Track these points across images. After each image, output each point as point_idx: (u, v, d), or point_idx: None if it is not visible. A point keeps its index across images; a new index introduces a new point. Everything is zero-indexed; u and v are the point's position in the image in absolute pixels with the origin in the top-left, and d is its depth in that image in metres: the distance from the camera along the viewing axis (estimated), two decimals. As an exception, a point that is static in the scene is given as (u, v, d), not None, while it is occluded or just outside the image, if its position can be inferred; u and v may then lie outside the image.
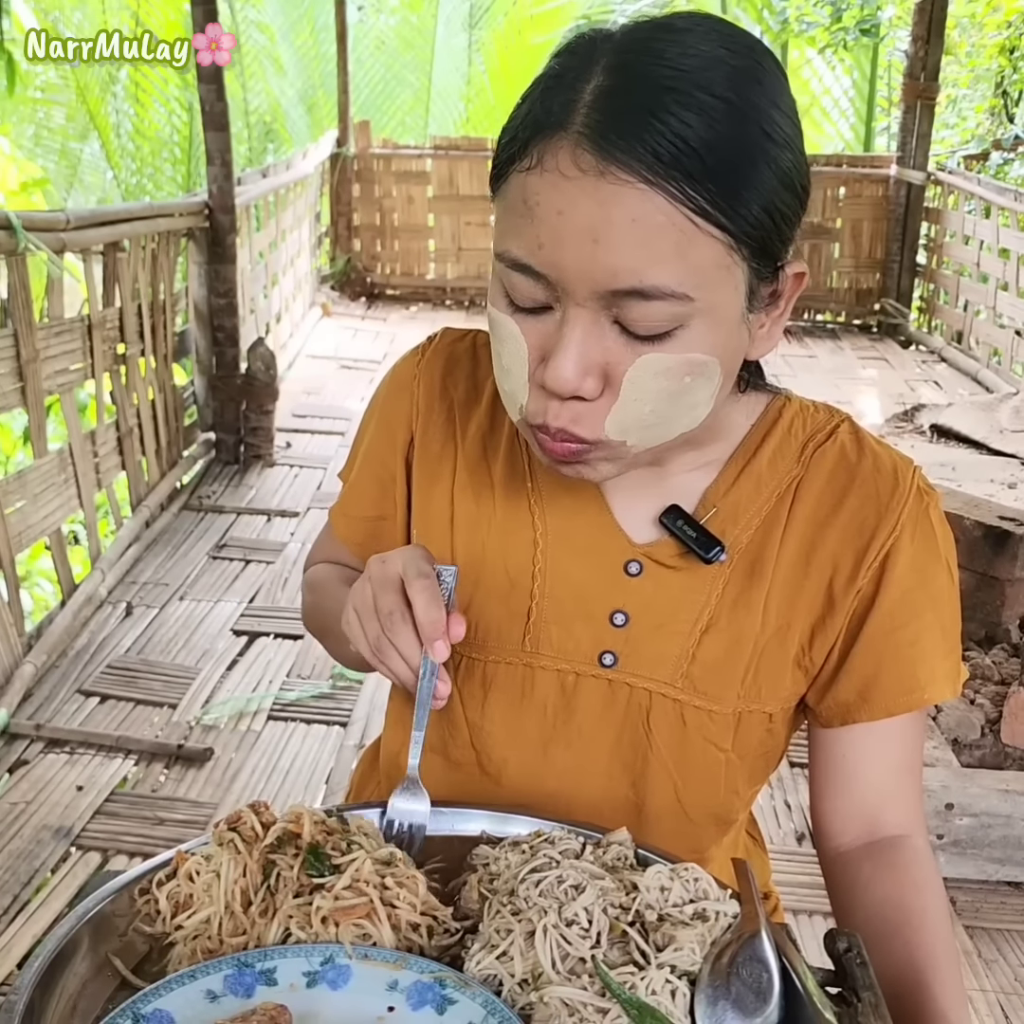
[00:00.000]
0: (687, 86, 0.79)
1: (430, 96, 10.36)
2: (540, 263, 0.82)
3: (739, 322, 0.87)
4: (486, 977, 0.79)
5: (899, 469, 1.03)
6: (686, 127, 0.78)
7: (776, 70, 0.84)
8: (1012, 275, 6.64)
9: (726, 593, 1.02)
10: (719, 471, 1.03)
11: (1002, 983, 2.25)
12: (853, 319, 8.34)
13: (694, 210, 0.79)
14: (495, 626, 1.06)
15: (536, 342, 0.86)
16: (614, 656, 1.04)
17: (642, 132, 0.78)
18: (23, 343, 3.19)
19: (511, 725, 1.07)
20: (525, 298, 0.85)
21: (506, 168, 0.85)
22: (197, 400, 4.95)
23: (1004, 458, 3.80)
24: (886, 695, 1.01)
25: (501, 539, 1.06)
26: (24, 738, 2.90)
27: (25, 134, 8.63)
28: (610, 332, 0.84)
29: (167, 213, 4.43)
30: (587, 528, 1.04)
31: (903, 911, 0.95)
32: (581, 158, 0.79)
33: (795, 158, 0.84)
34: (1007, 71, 9.15)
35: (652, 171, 0.78)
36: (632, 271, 0.80)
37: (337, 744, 2.98)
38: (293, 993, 0.78)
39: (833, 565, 1.01)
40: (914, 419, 5.62)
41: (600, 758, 1.06)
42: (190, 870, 0.86)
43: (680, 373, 0.85)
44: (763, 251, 0.84)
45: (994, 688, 2.80)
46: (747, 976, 0.78)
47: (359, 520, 1.16)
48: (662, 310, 0.81)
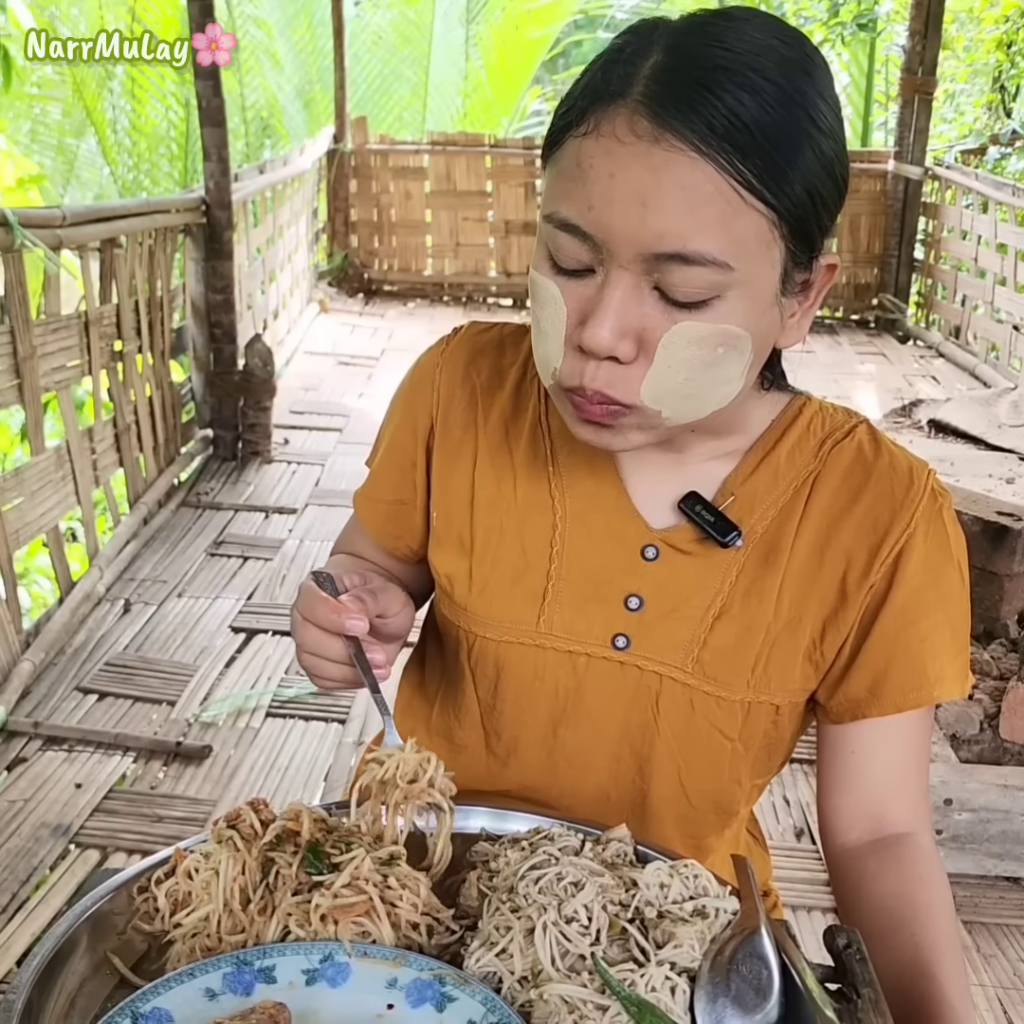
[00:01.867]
0: (741, 67, 0.82)
1: (427, 91, 10.34)
2: (589, 223, 0.85)
3: (772, 303, 0.89)
4: (486, 974, 0.79)
5: (915, 470, 1.04)
6: (739, 104, 0.81)
7: (824, 66, 0.88)
8: (1010, 270, 6.63)
9: (740, 580, 1.03)
10: (739, 461, 1.05)
11: (1001, 978, 2.25)
12: (851, 314, 8.34)
13: (741, 183, 0.82)
14: (509, 607, 1.07)
15: (576, 305, 0.88)
16: (627, 639, 1.05)
17: (697, 105, 0.81)
18: (20, 340, 3.18)
19: (523, 704, 1.09)
20: (570, 259, 0.87)
21: (561, 135, 0.88)
22: (195, 397, 4.94)
23: (1002, 453, 3.81)
24: (896, 690, 1.02)
25: (519, 521, 1.08)
26: (22, 736, 2.89)
27: (21, 130, 8.61)
28: (649, 298, 0.86)
29: (164, 209, 4.43)
30: (606, 512, 1.06)
31: (909, 906, 0.96)
32: (638, 124, 0.82)
33: (837, 148, 0.87)
34: (1005, 66, 9.15)
35: (705, 141, 0.81)
36: (678, 235, 0.82)
37: (336, 741, 2.98)
38: (292, 991, 0.78)
39: (847, 560, 1.02)
40: (912, 414, 5.62)
41: (608, 740, 1.07)
42: (189, 868, 0.86)
43: (714, 343, 0.87)
44: (802, 233, 0.87)
45: (993, 683, 2.80)
46: (747, 973, 0.78)
47: (379, 503, 1.19)
48: (702, 277, 0.84)
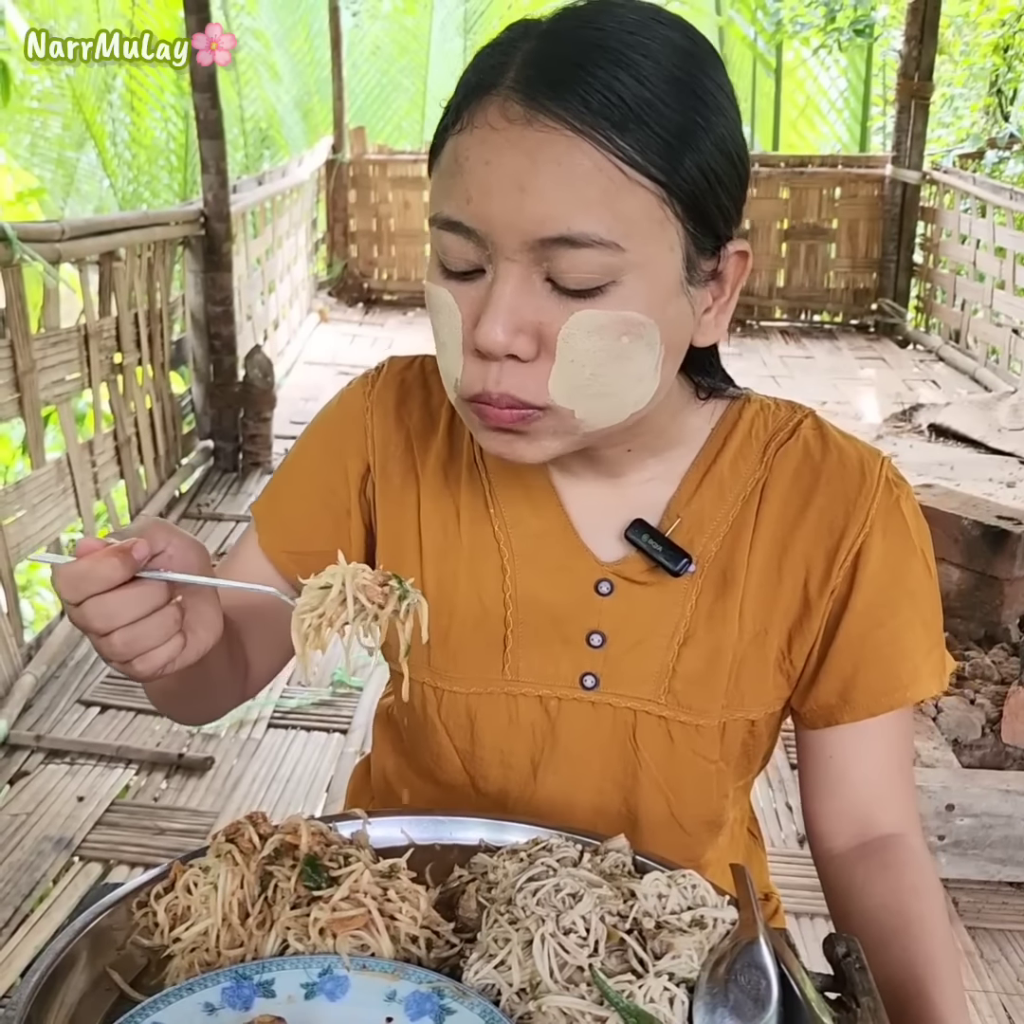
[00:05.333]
0: (617, 44, 0.80)
1: (426, 101, 10.36)
2: (469, 217, 0.81)
3: (678, 290, 0.85)
4: (484, 987, 0.79)
5: (865, 463, 1.00)
6: (614, 80, 0.79)
7: (710, 50, 0.86)
8: (1008, 273, 6.64)
9: (700, 604, 1.00)
10: (681, 479, 1.01)
11: (1004, 984, 2.25)
12: (850, 319, 8.34)
13: (623, 159, 0.79)
14: (473, 658, 1.04)
15: (469, 308, 0.84)
16: (595, 678, 1.02)
17: (571, 83, 0.79)
18: (20, 354, 3.19)
19: (503, 748, 1.06)
20: (458, 260, 0.84)
21: (441, 137, 0.85)
22: (195, 408, 4.95)
23: (1002, 457, 3.81)
24: (867, 695, 1.00)
25: (471, 567, 1.04)
26: (24, 749, 2.89)
27: (21, 143, 8.64)
28: (542, 289, 0.82)
29: (162, 222, 4.44)
30: (554, 550, 1.02)
31: (900, 917, 0.94)
32: (510, 110, 0.80)
33: (730, 128, 0.84)
34: (1001, 69, 9.17)
35: (579, 119, 0.78)
36: (559, 218, 0.79)
37: (337, 751, 2.98)
38: (291, 1005, 0.78)
39: (806, 567, 0.99)
40: (912, 418, 5.63)
41: (590, 776, 1.04)
42: (188, 882, 0.86)
43: (616, 332, 0.83)
44: (700, 214, 0.84)
45: (994, 688, 2.79)
46: (745, 983, 0.77)
47: (310, 555, 1.00)
48: (592, 259, 0.80)
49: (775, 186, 8.17)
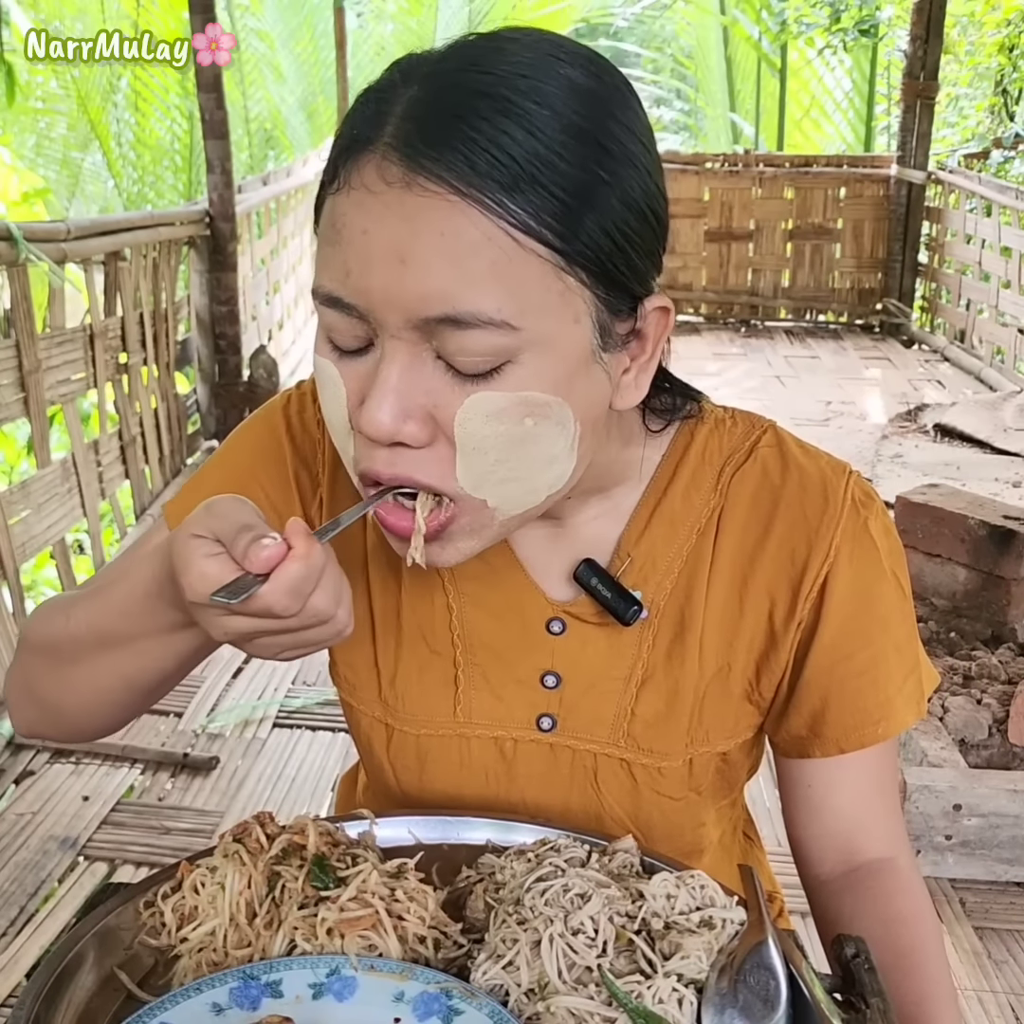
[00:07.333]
0: (506, 91, 0.71)
1: (430, 101, 10.37)
2: (349, 292, 0.73)
3: (589, 361, 0.77)
4: (492, 987, 0.78)
5: (828, 483, 0.93)
6: (503, 134, 0.70)
7: (620, 86, 0.77)
8: (1014, 273, 6.63)
9: (657, 644, 0.95)
10: (630, 516, 0.95)
11: (1012, 984, 2.24)
12: (855, 319, 8.34)
13: (514, 225, 0.70)
14: (422, 698, 0.99)
15: (355, 385, 0.76)
16: (552, 720, 0.97)
17: (452, 139, 0.70)
18: (25, 354, 3.19)
19: (452, 794, 1.00)
20: (346, 337, 0.76)
21: (321, 194, 0.77)
22: (200, 408, 4.96)
23: (1008, 457, 3.81)
24: (837, 730, 0.95)
25: (414, 605, 0.98)
26: (30, 749, 2.89)
27: (26, 144, 8.65)
28: (434, 370, 0.74)
29: (168, 222, 4.45)
30: (502, 588, 0.96)
31: (891, 952, 0.89)
32: (387, 170, 0.71)
33: (642, 179, 0.75)
34: (1007, 69, 9.15)
35: (464, 181, 0.69)
36: (443, 295, 0.71)
37: (343, 750, 2.97)
38: (299, 1005, 0.78)
39: (770, 599, 0.94)
40: (918, 419, 5.63)
41: (551, 820, 0.99)
42: (195, 882, 0.85)
43: (517, 415, 0.75)
44: (609, 279, 0.75)
45: (1001, 688, 2.79)
46: (754, 984, 0.77)
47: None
48: (482, 341, 0.72)
49: (780, 186, 8.18)
